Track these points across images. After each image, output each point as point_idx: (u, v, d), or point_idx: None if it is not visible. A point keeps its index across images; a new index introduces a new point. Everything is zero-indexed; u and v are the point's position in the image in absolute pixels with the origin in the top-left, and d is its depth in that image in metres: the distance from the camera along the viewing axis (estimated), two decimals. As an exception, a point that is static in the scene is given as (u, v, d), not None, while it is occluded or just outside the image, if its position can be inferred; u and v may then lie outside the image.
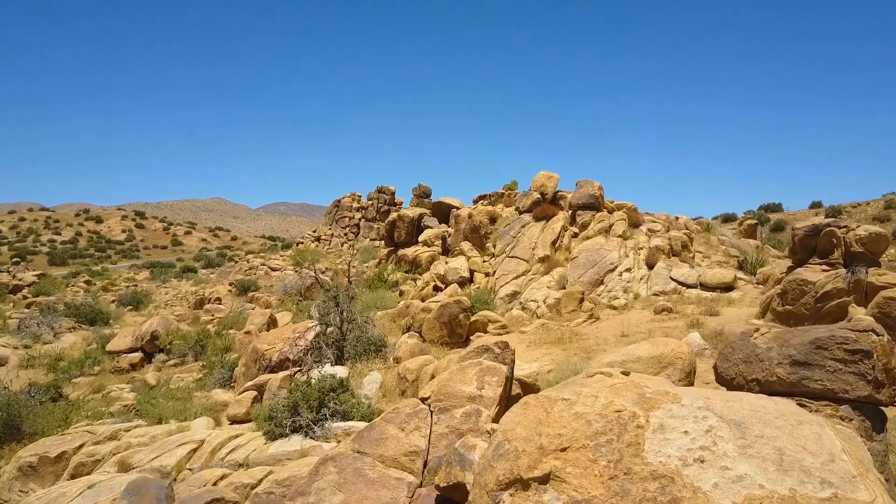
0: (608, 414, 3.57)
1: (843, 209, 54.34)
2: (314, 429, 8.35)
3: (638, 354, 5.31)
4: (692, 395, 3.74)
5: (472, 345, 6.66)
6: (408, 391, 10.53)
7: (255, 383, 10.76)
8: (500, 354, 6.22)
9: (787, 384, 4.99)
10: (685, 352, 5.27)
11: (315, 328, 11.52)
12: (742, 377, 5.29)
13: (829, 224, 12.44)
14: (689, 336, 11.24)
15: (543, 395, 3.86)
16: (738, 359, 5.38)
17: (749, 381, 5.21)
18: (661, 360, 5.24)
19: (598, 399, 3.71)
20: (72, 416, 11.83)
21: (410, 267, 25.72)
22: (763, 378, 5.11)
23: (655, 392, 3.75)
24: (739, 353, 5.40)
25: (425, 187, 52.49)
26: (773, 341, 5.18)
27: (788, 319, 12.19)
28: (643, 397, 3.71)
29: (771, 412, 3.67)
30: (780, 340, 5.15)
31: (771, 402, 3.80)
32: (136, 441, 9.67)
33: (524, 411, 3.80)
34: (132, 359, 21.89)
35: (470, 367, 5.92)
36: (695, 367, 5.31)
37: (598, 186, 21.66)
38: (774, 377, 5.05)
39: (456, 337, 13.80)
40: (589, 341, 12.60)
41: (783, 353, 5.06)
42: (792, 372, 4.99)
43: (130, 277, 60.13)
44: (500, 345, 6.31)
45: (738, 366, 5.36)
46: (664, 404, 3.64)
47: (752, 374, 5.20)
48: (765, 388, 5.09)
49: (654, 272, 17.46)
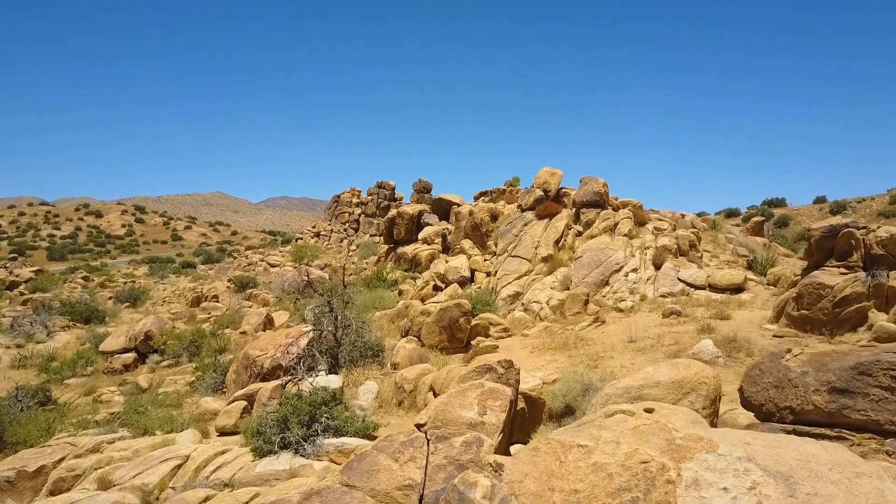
0: (633, 466, 3.04)
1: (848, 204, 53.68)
2: (304, 446, 7.84)
3: (657, 378, 4.77)
4: (730, 442, 3.20)
5: (472, 363, 6.12)
6: (405, 401, 10.03)
7: (244, 392, 10.26)
8: (504, 374, 5.68)
9: (826, 414, 4.47)
10: (709, 376, 4.74)
11: (309, 334, 11.00)
12: (773, 404, 4.76)
13: (848, 225, 11.88)
14: (701, 343, 10.71)
15: (556, 438, 3.32)
16: (769, 383, 4.85)
17: (781, 408, 4.67)
18: (683, 385, 4.70)
19: (620, 446, 3.17)
20: (55, 426, 11.32)
21: (410, 265, 25.18)
22: (798, 406, 4.58)
23: (687, 438, 3.21)
24: (770, 376, 4.87)
25: (426, 182, 51.88)
26: (808, 365, 4.65)
27: (804, 325, 11.67)
28: (673, 444, 3.17)
29: (823, 462, 3.14)
30: (816, 364, 4.61)
31: (821, 448, 3.27)
32: (119, 455, 9.17)
33: (534, 458, 3.27)
34: (125, 359, 21.39)
35: (470, 389, 5.38)
36: (720, 394, 4.79)
37: (602, 183, 21.07)
38: (811, 405, 4.52)
39: (456, 342, 13.27)
40: (595, 347, 12.06)
41: (821, 379, 4.52)
42: (831, 400, 4.45)
43: (129, 273, 59.65)
44: (504, 363, 5.77)
45: (768, 391, 4.83)
46: (698, 454, 3.10)
47: (784, 402, 4.66)
48: (799, 418, 4.56)
49: (662, 273, 16.90)
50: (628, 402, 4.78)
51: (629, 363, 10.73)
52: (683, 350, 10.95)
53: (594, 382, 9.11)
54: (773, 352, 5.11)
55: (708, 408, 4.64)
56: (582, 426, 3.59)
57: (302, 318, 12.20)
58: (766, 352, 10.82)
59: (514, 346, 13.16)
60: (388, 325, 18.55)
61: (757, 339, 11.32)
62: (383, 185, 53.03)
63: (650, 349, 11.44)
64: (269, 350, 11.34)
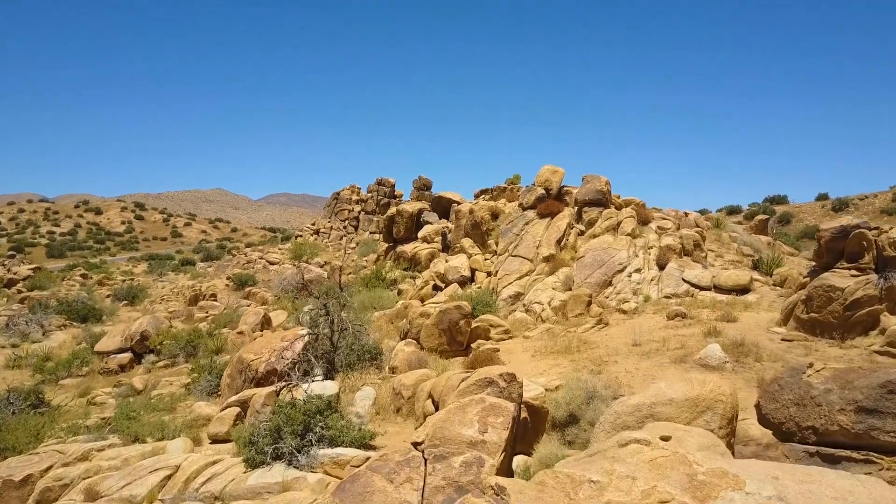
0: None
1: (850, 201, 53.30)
2: (298, 457, 7.54)
3: (670, 396, 4.46)
4: (757, 477, 2.89)
5: (473, 377, 5.81)
6: (403, 408, 9.72)
7: (238, 399, 9.96)
8: (506, 388, 5.38)
9: (852, 435, 4.16)
10: (726, 393, 4.43)
11: (304, 338, 10.70)
12: (793, 423, 4.45)
13: (859, 226, 11.54)
14: (708, 348, 10.40)
15: (565, 472, 3.00)
16: (789, 400, 4.54)
17: (803, 428, 4.36)
18: (698, 403, 4.39)
19: (636, 482, 2.86)
20: (44, 431, 11.03)
21: (409, 264, 24.87)
22: (822, 426, 4.27)
23: (710, 473, 2.90)
24: (790, 392, 4.56)
25: (426, 179, 51.52)
26: (832, 382, 4.34)
27: (814, 328, 11.37)
28: (694, 480, 2.86)
29: (862, 501, 2.83)
30: (841, 381, 4.30)
31: (858, 484, 2.96)
32: (107, 464, 8.88)
33: (541, 495, 2.96)
34: (121, 360, 21.12)
35: (471, 404, 5.08)
36: (737, 412, 4.48)
37: (605, 181, 20.72)
38: (836, 426, 4.22)
39: (456, 345, 12.97)
40: (598, 351, 11.75)
41: (846, 398, 4.22)
42: (858, 421, 4.15)
43: (128, 271, 59.41)
44: (506, 377, 5.46)
45: (788, 408, 4.53)
46: (723, 491, 2.79)
47: (807, 421, 4.36)
48: (823, 439, 4.26)
49: (666, 273, 16.58)
50: (639, 420, 4.48)
51: (634, 368, 10.43)
52: (689, 354, 10.64)
53: (598, 390, 8.80)
54: (793, 366, 4.80)
55: (724, 427, 4.33)
56: (593, 457, 3.28)
57: (298, 321, 11.88)
58: (775, 356, 10.53)
59: (516, 350, 12.87)
60: (387, 326, 18.25)
61: (765, 343, 11.01)
62: (383, 182, 52.69)
63: (655, 353, 11.13)
64: (264, 354, 11.04)
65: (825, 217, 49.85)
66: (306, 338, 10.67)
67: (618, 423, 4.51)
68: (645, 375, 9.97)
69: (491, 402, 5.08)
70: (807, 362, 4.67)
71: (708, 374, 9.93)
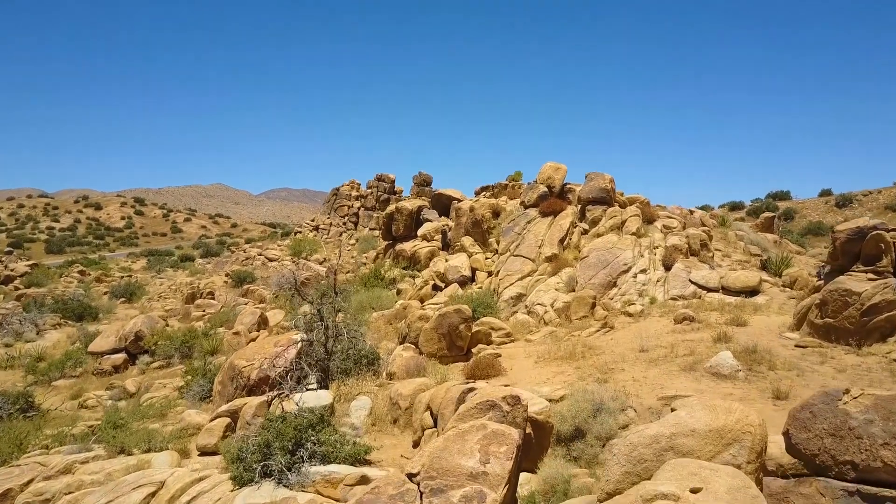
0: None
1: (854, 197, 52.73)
2: (288, 475, 7.12)
3: (691, 426, 4.01)
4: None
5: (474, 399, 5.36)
6: (400, 419, 9.30)
7: (228, 409, 9.54)
8: (510, 412, 4.94)
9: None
10: (754, 423, 3.98)
11: (298, 344, 10.27)
12: (829, 455, 4.01)
13: (877, 227, 11.06)
14: (720, 355, 9.96)
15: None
16: (823, 430, 4.11)
17: (840, 462, 3.93)
18: (724, 434, 3.94)
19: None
20: (28, 440, 10.61)
21: (409, 263, 24.42)
22: (862, 462, 3.83)
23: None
24: (823, 421, 4.12)
25: (426, 175, 51.03)
26: (873, 411, 3.90)
27: (829, 334, 10.92)
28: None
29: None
30: (884, 411, 3.87)
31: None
32: (90, 479, 8.47)
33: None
34: (115, 360, 20.73)
35: (471, 432, 4.63)
36: (766, 444, 4.04)
37: (609, 179, 20.24)
38: (879, 462, 3.78)
39: (456, 350, 12.53)
40: (604, 357, 11.31)
41: (891, 431, 3.78)
42: (904, 457, 3.72)
43: (126, 267, 59.02)
44: (510, 399, 5.02)
45: (822, 439, 4.09)
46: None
47: (844, 455, 3.92)
48: (864, 476, 3.82)
49: (672, 274, 16.12)
50: (657, 454, 4.03)
51: (641, 376, 9.99)
52: (699, 362, 10.20)
53: (606, 402, 8.38)
54: (826, 390, 4.35)
55: (753, 462, 3.89)
56: (613, 515, 2.85)
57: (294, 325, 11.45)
58: (790, 364, 10.07)
59: (518, 355, 12.43)
60: (386, 327, 17.83)
61: (779, 350, 10.57)
62: (383, 178, 52.19)
63: (663, 360, 10.69)
64: (256, 360, 10.62)
65: (828, 213, 49.32)
66: (300, 344, 10.23)
67: (633, 456, 4.07)
68: (653, 385, 9.55)
69: (493, 428, 4.63)
70: (842, 388, 4.23)
71: (721, 383, 9.50)
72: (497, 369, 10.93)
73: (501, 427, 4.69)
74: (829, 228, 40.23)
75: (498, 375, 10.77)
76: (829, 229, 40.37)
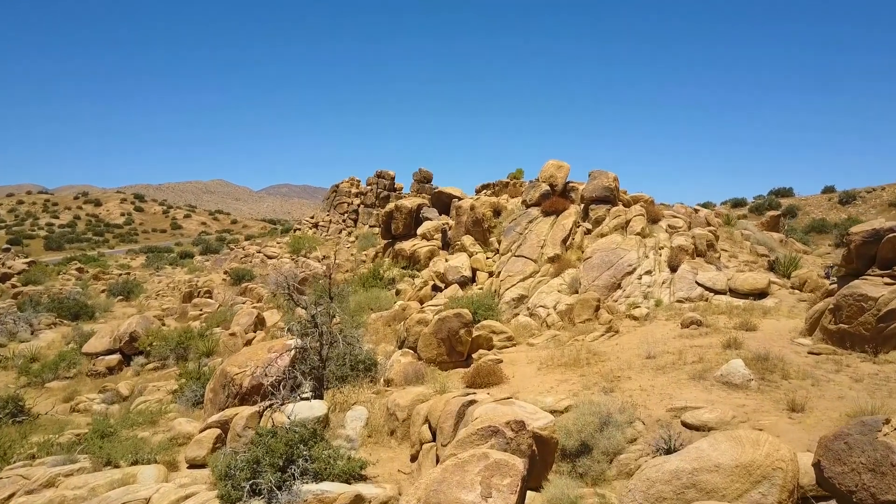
0: None
1: (857, 194, 52.18)
2: (278, 494, 6.74)
3: (715, 460, 3.62)
4: None
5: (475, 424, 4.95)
6: (398, 431, 8.92)
7: (218, 419, 9.16)
8: (514, 439, 4.55)
9: (948, 517, 3.36)
10: (785, 458, 3.59)
11: (291, 351, 9.88)
12: (868, 493, 3.62)
13: (892, 229, 10.63)
14: (731, 364, 9.55)
15: None
16: (860, 464, 3.72)
17: (882, 503, 3.54)
18: (752, 471, 3.55)
19: None
20: (12, 450, 10.24)
21: (408, 262, 24.01)
22: (907, 504, 3.46)
23: None
24: (861, 454, 3.74)
25: (426, 172, 50.57)
26: (918, 445, 3.52)
27: (843, 340, 10.52)
28: None
29: None
30: (930, 446, 3.49)
31: None
32: (72, 494, 8.10)
33: None
34: (109, 362, 20.38)
35: (471, 462, 4.23)
36: (798, 480, 3.64)
37: (613, 177, 19.80)
38: (926, 504, 3.41)
39: (456, 355, 12.14)
40: (609, 363, 10.91)
41: (939, 469, 3.40)
42: (955, 499, 3.34)
43: (125, 264, 58.69)
44: (514, 425, 4.62)
45: (860, 474, 3.70)
46: None
47: (886, 494, 3.53)
48: (908, 518, 3.45)
49: (678, 275, 15.71)
50: (678, 491, 3.64)
51: (649, 385, 9.59)
52: (709, 370, 9.80)
53: (612, 414, 7.99)
54: (863, 420, 3.95)
55: (785, 502, 3.50)
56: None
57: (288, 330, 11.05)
58: (804, 372, 9.63)
59: (520, 360, 12.04)
60: (384, 329, 17.45)
61: (791, 357, 10.16)
62: (383, 175, 51.71)
63: (671, 367, 10.29)
64: (249, 367, 10.23)
65: (832, 210, 48.81)
66: (293, 352, 9.85)
67: (651, 494, 3.68)
68: (662, 394, 9.15)
69: (495, 458, 4.24)
70: (882, 418, 3.83)
71: (732, 393, 9.10)
72: (498, 377, 10.54)
73: (504, 457, 4.30)
74: (833, 226, 39.77)
75: (499, 383, 10.39)
76: (833, 227, 39.85)
